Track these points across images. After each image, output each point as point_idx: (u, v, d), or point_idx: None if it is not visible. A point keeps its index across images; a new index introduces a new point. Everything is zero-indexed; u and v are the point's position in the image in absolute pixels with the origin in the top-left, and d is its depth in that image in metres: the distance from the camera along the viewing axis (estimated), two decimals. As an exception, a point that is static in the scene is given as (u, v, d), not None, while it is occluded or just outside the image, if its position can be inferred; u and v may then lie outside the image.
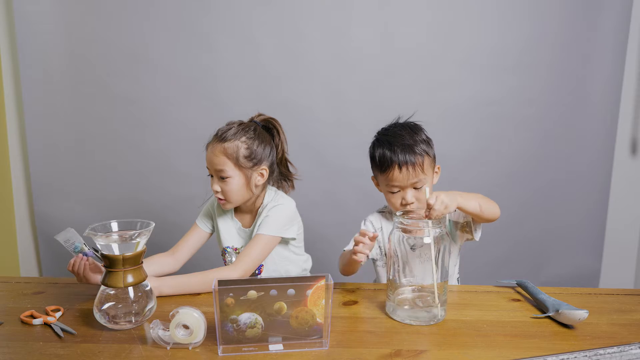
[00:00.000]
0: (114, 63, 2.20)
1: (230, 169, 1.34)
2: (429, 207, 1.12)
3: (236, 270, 1.29)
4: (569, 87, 2.26)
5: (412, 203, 1.31)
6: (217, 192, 1.37)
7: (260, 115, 1.46)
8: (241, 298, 0.95)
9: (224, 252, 1.49)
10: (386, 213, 1.46)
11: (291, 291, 0.97)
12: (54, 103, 2.24)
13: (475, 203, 1.22)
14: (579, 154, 2.33)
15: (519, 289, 1.32)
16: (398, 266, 1.12)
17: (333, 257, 2.22)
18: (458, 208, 1.21)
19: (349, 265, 1.33)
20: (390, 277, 1.13)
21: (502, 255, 2.37)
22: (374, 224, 1.44)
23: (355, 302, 1.22)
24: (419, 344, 1.02)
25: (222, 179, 1.35)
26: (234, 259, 1.45)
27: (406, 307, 1.12)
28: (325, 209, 2.28)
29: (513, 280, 1.34)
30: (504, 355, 0.97)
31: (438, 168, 1.39)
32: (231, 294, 0.94)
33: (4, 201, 2.33)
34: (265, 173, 1.40)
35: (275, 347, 0.99)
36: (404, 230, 1.10)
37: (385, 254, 1.42)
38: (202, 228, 1.50)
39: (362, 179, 2.20)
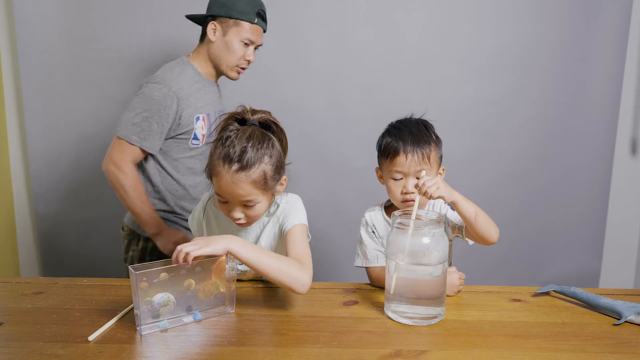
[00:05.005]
0: (114, 63, 2.20)
1: (258, 196, 1.17)
2: (419, 186, 1.18)
3: (307, 271, 1.15)
4: (569, 87, 2.26)
5: (413, 193, 1.29)
6: (238, 219, 1.20)
7: (249, 111, 1.22)
8: (154, 281, 1.05)
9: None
10: (384, 208, 1.43)
11: (198, 268, 1.10)
12: (54, 103, 2.24)
13: (472, 210, 1.21)
14: (578, 153, 2.33)
15: (559, 295, 1.26)
16: (397, 265, 1.12)
17: (332, 256, 2.22)
18: (453, 204, 1.20)
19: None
20: (390, 277, 1.13)
21: (502, 255, 2.37)
22: (375, 224, 1.41)
23: (355, 302, 1.22)
24: (419, 344, 1.02)
25: (248, 206, 1.19)
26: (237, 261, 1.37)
27: (405, 306, 1.12)
28: (325, 208, 2.28)
29: (551, 287, 1.27)
30: (504, 355, 0.97)
31: (443, 169, 1.38)
32: (145, 279, 1.03)
33: (4, 201, 2.33)
34: (285, 182, 1.25)
35: (188, 319, 1.11)
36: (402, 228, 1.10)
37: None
38: (192, 232, 1.39)
39: (363, 178, 2.20)
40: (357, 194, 2.26)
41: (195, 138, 1.70)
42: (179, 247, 1.06)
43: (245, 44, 1.70)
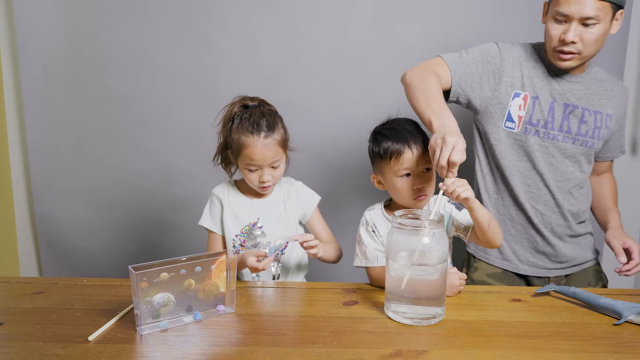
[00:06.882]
0: (114, 63, 2.19)
1: (282, 156, 1.42)
2: (446, 186, 1.17)
3: (338, 246, 1.53)
4: (569, 87, 2.26)
5: (424, 187, 1.30)
6: (267, 181, 1.40)
7: (244, 98, 1.46)
8: (154, 281, 1.05)
9: (247, 231, 1.47)
10: (383, 207, 1.44)
11: (198, 268, 1.12)
12: (54, 103, 2.23)
13: (487, 216, 1.23)
14: (579, 153, 2.32)
15: (559, 295, 1.26)
16: (397, 265, 1.12)
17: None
18: (469, 208, 1.20)
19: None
20: (390, 276, 1.13)
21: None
22: (375, 223, 1.41)
23: (355, 302, 1.22)
24: (419, 344, 1.02)
25: (274, 167, 1.41)
26: (258, 233, 1.45)
27: (405, 306, 1.12)
28: (324, 209, 2.27)
29: (551, 287, 1.27)
30: (504, 355, 0.97)
31: None
32: (145, 278, 1.04)
33: (4, 201, 2.33)
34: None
35: (188, 319, 1.12)
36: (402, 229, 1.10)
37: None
38: (219, 233, 1.49)
39: (362, 179, 2.20)
40: (356, 194, 2.25)
41: (510, 119, 1.51)
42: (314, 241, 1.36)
43: (559, 20, 1.40)
